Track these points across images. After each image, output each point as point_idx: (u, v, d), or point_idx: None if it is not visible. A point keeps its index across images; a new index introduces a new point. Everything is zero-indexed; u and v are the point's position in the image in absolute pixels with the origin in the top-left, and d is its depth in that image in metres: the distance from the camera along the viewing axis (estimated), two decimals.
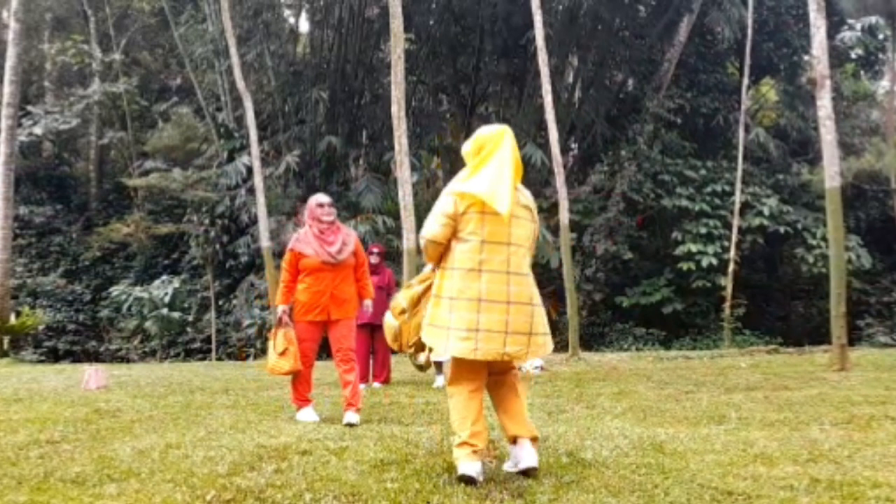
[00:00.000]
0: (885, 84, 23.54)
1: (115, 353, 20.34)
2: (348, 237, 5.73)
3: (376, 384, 8.42)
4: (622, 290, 18.88)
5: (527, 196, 3.82)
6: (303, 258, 5.59)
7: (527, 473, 3.68)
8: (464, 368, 3.72)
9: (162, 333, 18.90)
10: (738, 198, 17.86)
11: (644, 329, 18.17)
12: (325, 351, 6.29)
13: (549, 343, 3.73)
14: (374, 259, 8.30)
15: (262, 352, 16.26)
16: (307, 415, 5.65)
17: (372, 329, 8.21)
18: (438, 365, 8.36)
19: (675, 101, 19.62)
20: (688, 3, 20.09)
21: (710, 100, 20.31)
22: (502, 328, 3.56)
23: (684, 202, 18.49)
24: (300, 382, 5.71)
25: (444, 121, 21.92)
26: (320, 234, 5.62)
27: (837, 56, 19.57)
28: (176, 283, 19.09)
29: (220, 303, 19.41)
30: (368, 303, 6.00)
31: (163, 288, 18.80)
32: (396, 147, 13.55)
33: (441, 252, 3.73)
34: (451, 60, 21.04)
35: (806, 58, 20.57)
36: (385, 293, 8.32)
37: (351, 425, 5.32)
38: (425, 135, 20.89)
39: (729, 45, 20.20)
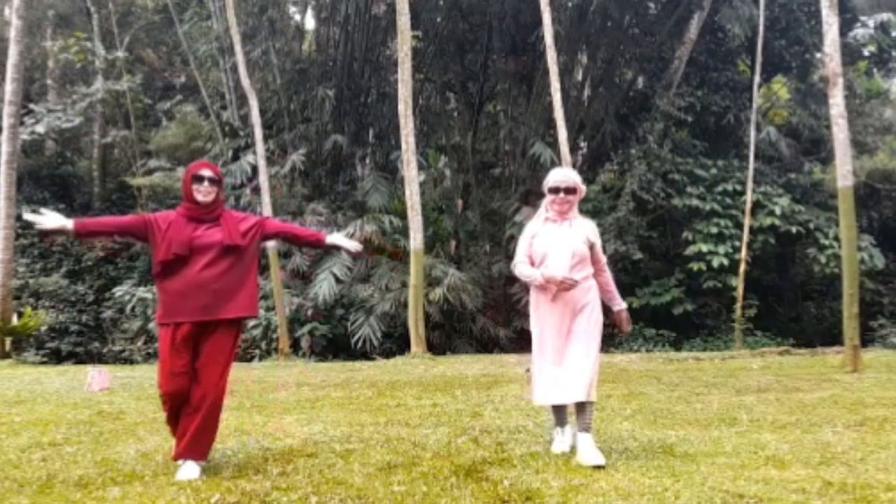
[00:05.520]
0: None
1: (118, 354, 20.20)
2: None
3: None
4: (632, 290, 18.71)
5: None
6: None
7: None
8: None
9: None
10: (749, 197, 17.67)
11: (654, 330, 18.04)
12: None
13: None
14: (203, 194, 4.17)
15: (268, 353, 16.16)
16: None
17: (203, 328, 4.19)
18: None
19: (685, 100, 19.47)
20: (698, 0, 19.89)
21: (720, 98, 20.11)
22: None
23: (695, 201, 18.34)
24: None
25: (452, 119, 21.81)
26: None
27: (850, 53, 19.36)
28: None
29: None
30: None
31: None
32: (403, 146, 13.53)
33: None
34: (458, 58, 20.91)
35: (818, 55, 20.43)
36: (234, 255, 4.17)
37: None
38: (432, 133, 20.84)
39: (740, 43, 20.06)
